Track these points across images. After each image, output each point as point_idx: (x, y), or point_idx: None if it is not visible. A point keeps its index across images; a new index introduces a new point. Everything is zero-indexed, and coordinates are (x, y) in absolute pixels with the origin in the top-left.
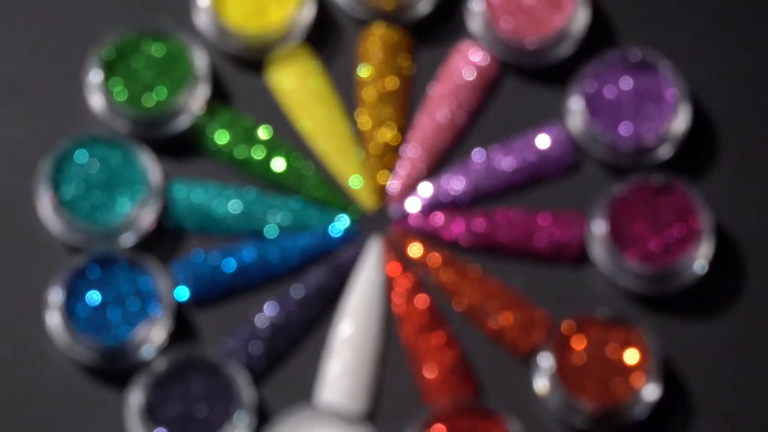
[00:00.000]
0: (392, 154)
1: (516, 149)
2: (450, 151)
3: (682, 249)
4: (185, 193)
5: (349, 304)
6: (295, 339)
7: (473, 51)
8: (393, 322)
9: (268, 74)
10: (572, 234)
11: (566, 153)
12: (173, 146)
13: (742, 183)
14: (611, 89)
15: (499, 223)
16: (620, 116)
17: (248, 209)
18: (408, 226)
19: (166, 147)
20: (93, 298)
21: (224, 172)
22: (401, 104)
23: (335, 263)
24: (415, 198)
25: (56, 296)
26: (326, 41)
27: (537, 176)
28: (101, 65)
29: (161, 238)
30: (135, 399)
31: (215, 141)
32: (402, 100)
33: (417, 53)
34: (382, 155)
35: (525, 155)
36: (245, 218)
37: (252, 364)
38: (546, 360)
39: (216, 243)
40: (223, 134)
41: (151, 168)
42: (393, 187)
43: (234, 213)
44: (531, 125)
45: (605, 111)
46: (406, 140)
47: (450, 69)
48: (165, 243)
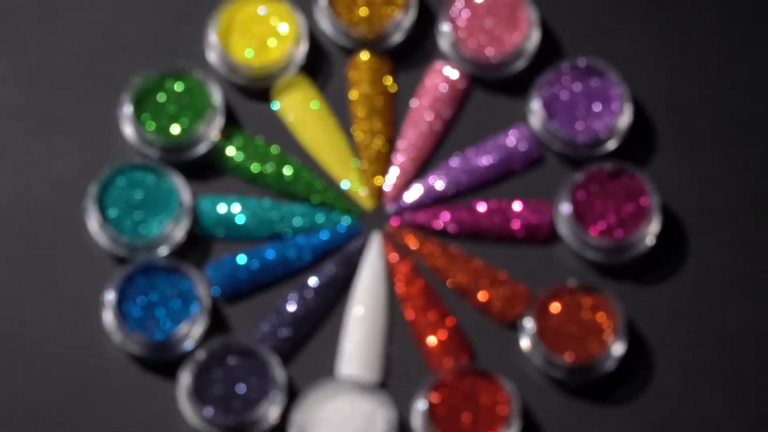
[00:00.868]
0: (384, 161)
1: (488, 149)
2: (433, 155)
3: (635, 224)
4: (211, 207)
5: (358, 290)
6: (315, 323)
7: (445, 68)
8: (396, 303)
9: (274, 100)
10: (542, 217)
11: (531, 149)
12: (197, 167)
13: (679, 167)
14: (565, 93)
15: (479, 213)
16: (574, 115)
17: (266, 216)
18: (403, 221)
19: (192, 168)
20: (141, 300)
21: (243, 186)
22: (388, 118)
23: (344, 256)
24: (407, 196)
25: (110, 299)
26: (320, 69)
27: (507, 170)
28: (132, 102)
29: (194, 246)
30: (184, 383)
31: (232, 160)
32: (389, 115)
33: (397, 74)
34: (376, 162)
35: (496, 153)
36: (264, 224)
37: (280, 347)
38: (528, 324)
39: (241, 247)
40: (239, 154)
41: (181, 187)
42: (387, 189)
43: (254, 220)
44: (499, 128)
45: (561, 112)
46: (395, 148)
47: (426, 85)
48: (197, 250)
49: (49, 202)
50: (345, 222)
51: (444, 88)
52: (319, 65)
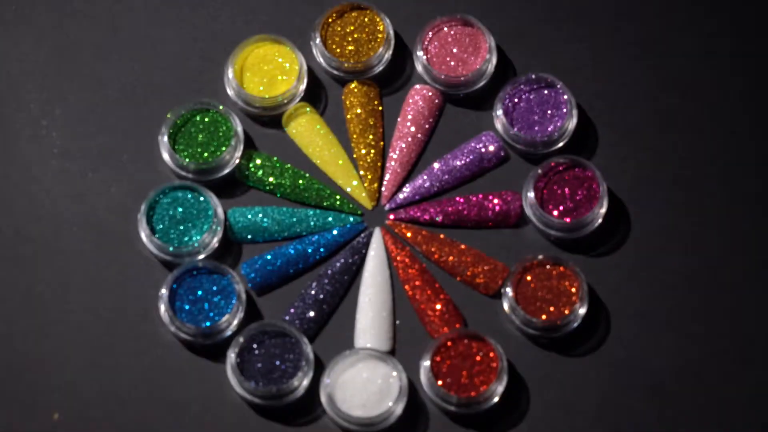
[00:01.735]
0: (379, 168)
1: (463, 152)
2: (418, 160)
3: (588, 207)
4: (240, 216)
5: (366, 276)
6: (333, 305)
7: (422, 89)
8: (399, 284)
9: (285, 126)
10: (511, 205)
11: (498, 150)
12: (226, 185)
13: (620, 159)
14: (523, 102)
15: (461, 205)
16: (532, 121)
17: (285, 220)
18: (398, 216)
19: (221, 186)
20: (190, 297)
21: (264, 198)
22: (379, 133)
23: (352, 249)
24: (400, 197)
25: (164, 296)
26: (318, 97)
27: (480, 169)
28: (168, 134)
29: (228, 250)
30: (230, 361)
31: (255, 176)
32: (379, 130)
33: (383, 97)
34: (372, 170)
35: (470, 156)
36: (284, 227)
37: (307, 328)
38: (508, 293)
39: (267, 247)
40: (259, 171)
41: (214, 202)
42: (383, 191)
43: (276, 224)
44: (471, 135)
45: (520, 118)
46: (388, 158)
47: (408, 104)
48: (231, 253)
49: (109, 222)
50: (351, 221)
51: (422, 106)
52: (318, 94)
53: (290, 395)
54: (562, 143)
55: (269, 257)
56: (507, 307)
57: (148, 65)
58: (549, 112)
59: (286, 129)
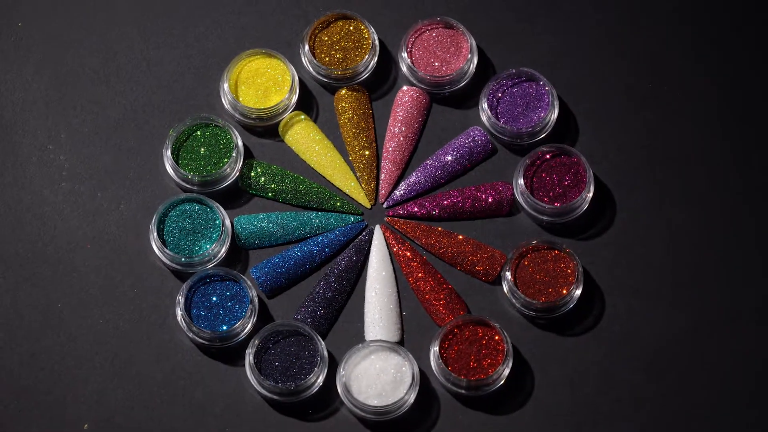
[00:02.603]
0: (374, 168)
1: (453, 148)
2: (411, 158)
3: (576, 192)
4: (246, 223)
5: (371, 272)
6: (342, 302)
7: (410, 90)
8: (403, 277)
9: (282, 134)
10: (503, 195)
11: (486, 143)
12: (230, 194)
13: (601, 144)
14: (507, 96)
15: (455, 198)
16: (516, 113)
17: (289, 224)
18: (396, 213)
19: (226, 196)
20: (205, 303)
21: (268, 204)
22: (372, 135)
23: (356, 247)
24: (396, 194)
25: (180, 302)
26: (311, 105)
27: (471, 162)
28: (171, 149)
29: (237, 256)
30: (248, 362)
31: (257, 184)
32: (371, 132)
33: (373, 99)
34: (368, 170)
35: (459, 150)
36: (289, 231)
37: (319, 325)
38: (508, 277)
39: (274, 251)
40: (261, 179)
41: (219, 212)
42: (380, 189)
43: (281, 229)
44: (459, 130)
45: (505, 111)
46: (382, 158)
47: (397, 105)
48: (240, 258)
49: (120, 237)
50: (352, 220)
51: (411, 106)
52: (309, 102)
53: (307, 391)
54: (546, 133)
55: (277, 260)
56: (507, 292)
57: (146, 86)
58: (532, 104)
59: (284, 137)
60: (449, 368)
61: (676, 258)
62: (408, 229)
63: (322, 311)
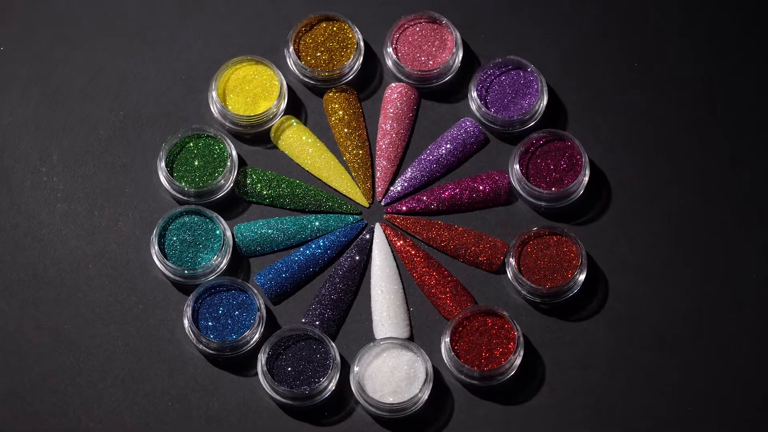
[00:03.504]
0: (369, 167)
1: (446, 140)
2: (404, 154)
3: (572, 176)
4: (246, 231)
5: (375, 270)
6: (348, 303)
7: (398, 86)
8: (407, 273)
9: (274, 140)
10: (500, 183)
11: (478, 134)
12: (228, 203)
13: (593, 131)
14: (495, 85)
15: (452, 190)
16: (506, 102)
17: (290, 229)
18: (395, 210)
19: (224, 205)
20: (212, 314)
21: (266, 210)
22: (364, 133)
23: (357, 246)
24: (393, 190)
25: (188, 313)
26: (299, 108)
27: (464, 154)
28: (166, 162)
29: (240, 265)
30: (261, 369)
31: (253, 191)
32: (363, 131)
33: (362, 98)
34: (363, 169)
35: (452, 142)
36: (290, 235)
37: (327, 327)
38: (512, 263)
39: (276, 257)
40: (257, 186)
41: (219, 222)
42: (377, 188)
43: (281, 234)
44: (450, 123)
45: (495, 101)
46: (376, 156)
47: (386, 102)
48: (243, 267)
49: (121, 254)
50: (351, 220)
51: (400, 102)
52: (297, 105)
53: (321, 394)
54: (537, 119)
55: (280, 265)
56: (512, 279)
57: (134, 100)
58: (521, 92)
59: (276, 143)
60: (462, 360)
61: (677, 236)
62: (408, 225)
63: (330, 313)
